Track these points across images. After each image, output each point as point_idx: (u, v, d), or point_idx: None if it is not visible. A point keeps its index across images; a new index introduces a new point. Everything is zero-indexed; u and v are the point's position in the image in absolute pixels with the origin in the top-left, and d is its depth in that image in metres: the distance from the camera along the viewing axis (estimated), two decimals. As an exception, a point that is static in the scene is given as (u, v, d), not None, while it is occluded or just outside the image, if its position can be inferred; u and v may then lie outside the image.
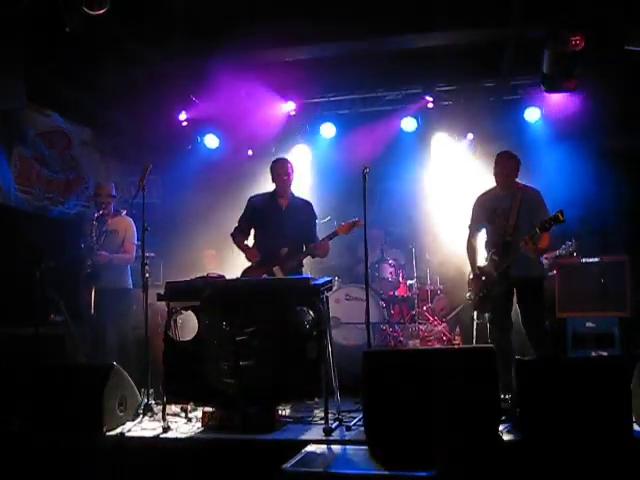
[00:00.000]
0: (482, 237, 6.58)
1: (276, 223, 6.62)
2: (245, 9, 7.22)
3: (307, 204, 6.80)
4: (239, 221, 6.86)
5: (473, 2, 7.05)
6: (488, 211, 6.33)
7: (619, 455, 4.21)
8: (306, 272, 7.10)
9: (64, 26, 6.04)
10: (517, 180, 6.31)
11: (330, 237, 6.58)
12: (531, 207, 6.12)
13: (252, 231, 6.83)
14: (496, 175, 6.31)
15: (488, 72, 8.78)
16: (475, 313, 7.22)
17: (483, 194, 6.52)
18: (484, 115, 9.26)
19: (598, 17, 6.74)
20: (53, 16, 6.04)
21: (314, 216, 6.78)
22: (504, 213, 6.18)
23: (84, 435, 4.93)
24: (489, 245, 6.37)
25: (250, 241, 6.82)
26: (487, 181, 8.83)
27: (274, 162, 6.79)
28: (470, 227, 6.60)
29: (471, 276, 6.52)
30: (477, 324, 7.44)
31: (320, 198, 8.30)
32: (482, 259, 6.46)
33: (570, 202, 8.10)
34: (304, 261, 6.82)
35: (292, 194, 6.75)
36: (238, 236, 6.80)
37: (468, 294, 6.60)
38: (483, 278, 6.28)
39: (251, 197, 6.91)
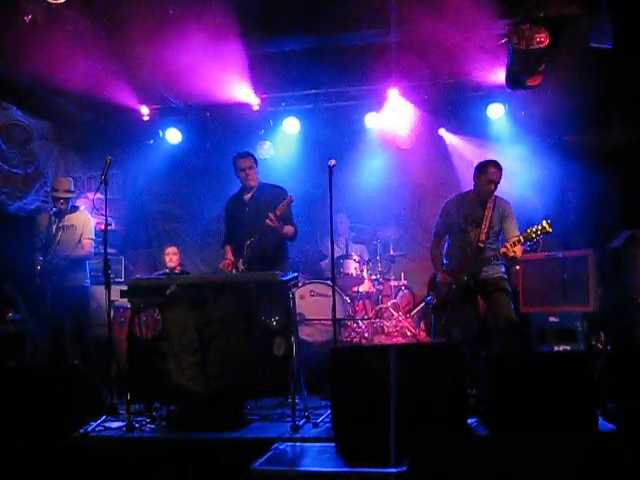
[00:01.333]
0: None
1: (240, 218, 6.60)
2: (206, 4, 7.12)
3: (273, 188, 6.66)
4: (225, 230, 6.87)
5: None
6: (460, 218, 6.33)
7: (583, 448, 4.26)
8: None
9: (24, 15, 5.90)
10: None
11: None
12: (502, 217, 6.20)
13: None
14: (488, 183, 6.22)
15: (451, 68, 8.77)
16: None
17: (454, 200, 6.50)
18: (447, 111, 9.29)
19: (563, 15, 6.79)
20: (13, 4, 5.90)
21: (281, 196, 6.46)
22: (476, 221, 6.22)
23: (47, 436, 4.83)
24: (455, 251, 6.38)
25: None
26: (449, 177, 8.99)
27: (234, 158, 6.72)
28: (435, 234, 6.61)
29: (437, 280, 6.53)
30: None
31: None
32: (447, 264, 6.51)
33: (532, 198, 8.25)
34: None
35: (259, 185, 6.66)
36: (226, 246, 6.77)
37: (429, 297, 6.62)
38: (451, 284, 6.30)
39: (228, 200, 6.90)
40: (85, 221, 7.12)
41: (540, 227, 5.79)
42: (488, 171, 6.21)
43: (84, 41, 7.30)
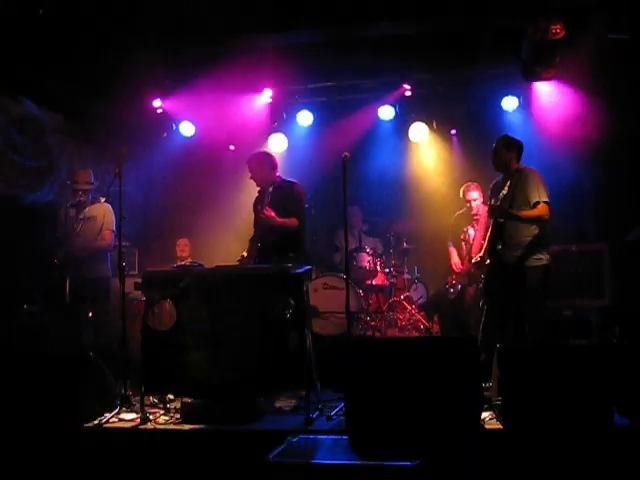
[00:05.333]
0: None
1: (257, 216, 6.60)
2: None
3: (286, 185, 6.62)
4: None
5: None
6: (494, 198, 6.28)
7: (601, 443, 4.23)
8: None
9: (38, 9, 5.91)
10: (516, 163, 6.20)
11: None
12: (523, 188, 6.01)
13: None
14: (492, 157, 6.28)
15: (466, 61, 8.74)
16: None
17: (493, 184, 6.45)
18: (461, 104, 9.25)
19: (579, 5, 6.74)
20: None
21: (290, 194, 6.48)
22: (503, 198, 6.10)
23: (61, 427, 4.85)
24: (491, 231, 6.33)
25: None
26: (465, 169, 8.94)
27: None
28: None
29: (473, 260, 6.52)
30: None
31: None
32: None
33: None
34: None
35: (276, 182, 6.63)
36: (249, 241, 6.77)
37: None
38: (482, 263, 6.30)
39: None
40: (106, 212, 7.12)
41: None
42: None
43: (97, 32, 7.33)
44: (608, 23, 6.11)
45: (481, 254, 6.39)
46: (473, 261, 6.58)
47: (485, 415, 4.63)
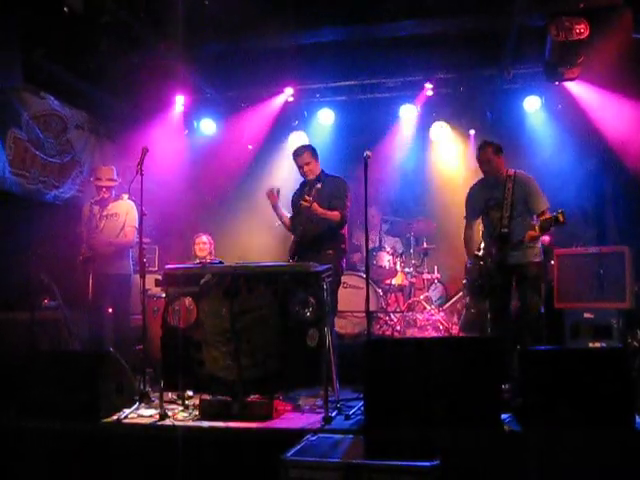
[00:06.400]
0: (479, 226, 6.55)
1: (299, 210, 6.46)
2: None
3: (335, 179, 6.53)
4: None
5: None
6: (481, 202, 6.27)
7: (621, 446, 4.20)
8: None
9: (62, 7, 5.94)
10: (504, 167, 6.19)
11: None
12: (525, 195, 6.04)
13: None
14: (479, 166, 6.25)
15: (488, 60, 8.71)
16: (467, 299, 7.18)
17: (474, 185, 6.46)
18: (483, 104, 9.22)
19: (603, 5, 6.68)
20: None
21: (338, 188, 6.39)
22: (497, 204, 6.10)
23: (80, 421, 4.89)
24: (485, 236, 6.32)
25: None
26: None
27: (292, 155, 6.62)
28: (465, 219, 6.54)
29: (468, 264, 6.48)
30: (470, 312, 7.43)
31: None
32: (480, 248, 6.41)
33: (568, 192, 8.13)
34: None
35: (320, 175, 6.52)
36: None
37: (464, 281, 6.55)
38: (480, 266, 6.23)
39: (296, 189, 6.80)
40: (129, 209, 7.14)
41: (554, 218, 5.61)
42: (477, 153, 6.27)
43: (121, 31, 7.37)
44: (633, 22, 6.03)
45: (480, 254, 6.34)
46: (468, 264, 6.53)
47: (504, 417, 4.58)
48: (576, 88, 8.65)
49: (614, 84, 7.86)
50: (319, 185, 6.29)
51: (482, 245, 6.36)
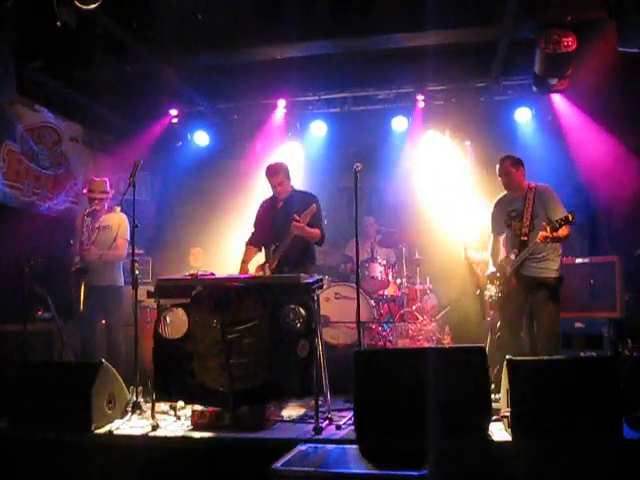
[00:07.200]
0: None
1: (270, 223, 6.59)
2: (236, 7, 7.19)
3: (305, 196, 6.60)
4: (252, 230, 6.84)
5: (465, 2, 7.05)
6: (504, 215, 6.34)
7: (609, 456, 4.23)
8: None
9: (56, 21, 5.99)
10: (525, 180, 6.28)
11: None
12: (544, 204, 6.10)
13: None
14: (501, 181, 6.33)
15: (479, 72, 8.79)
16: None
17: (498, 199, 6.51)
18: (475, 115, 9.28)
19: (591, 19, 6.76)
20: (45, 10, 5.99)
21: (310, 203, 6.37)
22: (518, 215, 6.19)
23: (72, 433, 4.90)
24: (509, 247, 6.38)
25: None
26: (478, 181, 8.94)
27: (265, 172, 6.64)
28: (491, 233, 6.62)
29: (487, 272, 6.54)
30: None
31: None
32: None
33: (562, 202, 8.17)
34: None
35: (291, 191, 6.63)
36: (248, 245, 6.77)
37: (489, 293, 6.57)
38: (498, 275, 6.31)
39: (261, 202, 6.87)
40: (120, 222, 7.17)
41: (564, 218, 5.70)
42: (498, 167, 6.33)
43: (114, 44, 7.42)
44: (618, 36, 6.12)
45: (494, 269, 6.41)
46: (487, 274, 6.58)
47: (494, 426, 4.61)
48: (561, 105, 8.78)
49: (600, 101, 7.93)
50: (284, 199, 6.53)
51: (504, 255, 6.44)
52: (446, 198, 9.48)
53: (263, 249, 6.65)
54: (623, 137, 8.19)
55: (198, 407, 5.17)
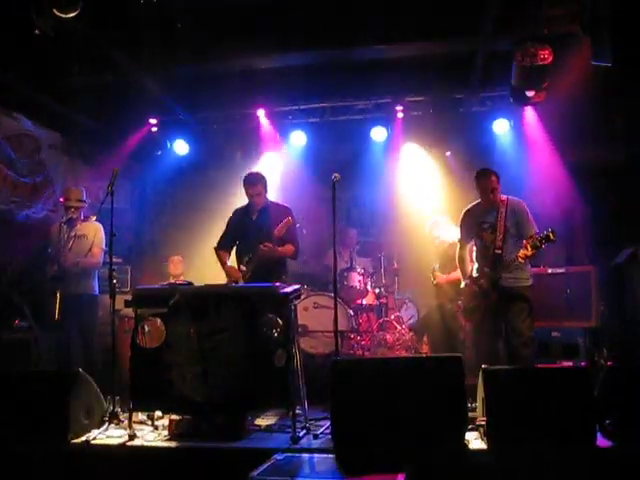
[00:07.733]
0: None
1: (244, 232, 6.67)
2: (215, 18, 7.23)
3: (280, 209, 6.70)
4: (221, 235, 6.87)
5: (443, 14, 7.11)
6: (475, 225, 6.40)
7: (584, 464, 4.27)
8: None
9: (34, 29, 5.98)
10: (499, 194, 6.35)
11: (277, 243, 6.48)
12: (516, 219, 6.22)
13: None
14: (480, 193, 6.36)
15: (457, 84, 8.86)
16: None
17: (469, 209, 6.57)
18: (453, 126, 9.35)
19: (567, 32, 6.85)
20: (23, 18, 5.98)
21: (284, 216, 6.50)
22: (491, 227, 6.26)
23: (49, 443, 4.87)
24: (479, 258, 6.44)
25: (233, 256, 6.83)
26: (456, 192, 9.01)
27: (243, 181, 6.73)
28: (459, 241, 6.71)
29: (462, 285, 6.58)
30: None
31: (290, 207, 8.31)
32: (474, 270, 6.52)
33: (536, 213, 8.25)
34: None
35: (267, 203, 6.71)
36: (219, 250, 6.83)
37: (459, 302, 6.64)
38: (475, 289, 6.35)
39: (234, 210, 6.93)
40: (96, 231, 7.15)
41: (544, 235, 5.80)
42: (476, 183, 6.37)
43: (93, 53, 7.42)
44: (591, 50, 6.21)
45: (469, 279, 6.46)
46: (462, 285, 6.63)
47: (470, 435, 4.64)
48: (531, 118, 8.90)
49: (568, 114, 8.03)
50: (259, 210, 6.63)
51: (476, 267, 6.48)
52: (424, 208, 9.53)
53: (233, 254, 6.72)
54: (565, 152, 8.37)
55: (176, 417, 5.16)
